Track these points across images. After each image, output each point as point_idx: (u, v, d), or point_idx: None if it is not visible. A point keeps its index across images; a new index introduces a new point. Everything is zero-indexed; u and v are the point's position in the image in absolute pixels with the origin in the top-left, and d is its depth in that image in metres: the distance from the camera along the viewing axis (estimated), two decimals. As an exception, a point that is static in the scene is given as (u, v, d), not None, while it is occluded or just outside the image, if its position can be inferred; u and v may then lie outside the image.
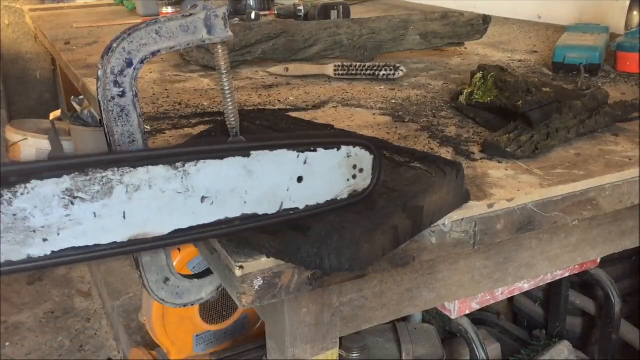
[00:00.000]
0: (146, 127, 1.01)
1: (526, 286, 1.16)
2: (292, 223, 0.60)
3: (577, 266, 1.18)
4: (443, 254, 0.73)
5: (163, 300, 0.72)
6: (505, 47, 1.67)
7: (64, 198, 0.49)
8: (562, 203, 0.78)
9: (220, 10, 0.68)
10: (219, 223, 0.56)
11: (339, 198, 0.62)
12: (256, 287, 0.62)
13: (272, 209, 0.59)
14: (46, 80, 3.49)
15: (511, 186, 0.78)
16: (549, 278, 1.17)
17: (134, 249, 0.53)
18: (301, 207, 0.60)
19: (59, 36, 1.87)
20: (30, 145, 2.91)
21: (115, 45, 0.63)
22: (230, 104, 0.74)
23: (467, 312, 1.13)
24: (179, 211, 0.53)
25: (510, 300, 1.82)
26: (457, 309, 1.11)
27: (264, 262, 0.62)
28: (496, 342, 1.60)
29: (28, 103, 3.52)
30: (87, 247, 0.50)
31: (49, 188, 0.48)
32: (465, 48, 1.63)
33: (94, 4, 2.63)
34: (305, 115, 1.05)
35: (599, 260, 1.27)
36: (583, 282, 1.69)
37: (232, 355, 1.56)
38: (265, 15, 2.02)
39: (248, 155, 0.56)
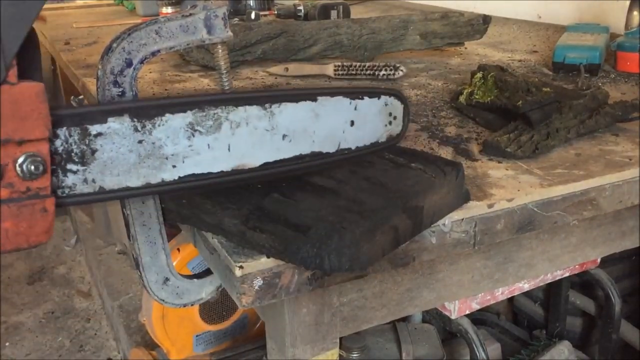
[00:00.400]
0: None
1: (526, 286, 1.16)
2: (350, 160, 0.70)
3: (577, 266, 1.18)
4: (443, 254, 0.73)
5: (163, 301, 0.72)
6: (505, 47, 1.67)
7: (187, 130, 0.57)
8: (562, 203, 0.78)
9: (220, 10, 0.68)
10: (295, 158, 0.64)
11: (379, 141, 0.71)
12: (256, 287, 0.62)
13: (332, 148, 0.67)
14: (46, 80, 3.48)
15: (511, 186, 0.78)
16: (549, 278, 1.17)
17: (237, 178, 0.61)
18: (353, 147, 0.68)
19: (58, 36, 1.87)
20: (30, 145, 2.91)
21: (114, 45, 0.63)
22: None
23: (467, 312, 1.13)
24: (267, 146, 0.62)
25: (510, 300, 1.82)
26: (457, 309, 1.11)
27: (264, 262, 0.62)
28: (496, 342, 1.60)
29: (28, 103, 3.52)
30: (203, 174, 0.59)
31: (178, 121, 0.57)
32: (465, 48, 1.63)
33: (94, 4, 2.63)
34: (305, 115, 1.05)
35: (599, 260, 1.27)
36: (583, 282, 1.69)
37: (232, 356, 1.56)
38: (265, 15, 2.02)
39: (315, 100, 0.64)
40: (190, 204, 0.68)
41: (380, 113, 0.70)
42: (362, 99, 0.67)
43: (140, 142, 0.56)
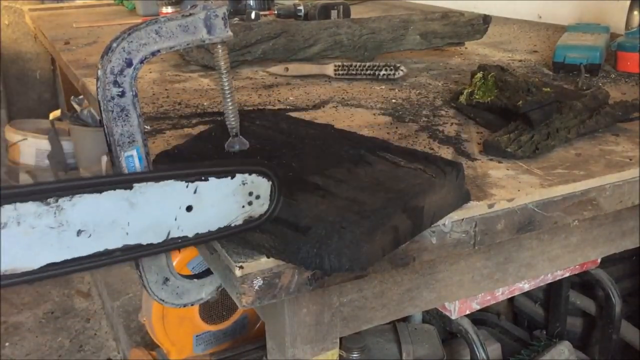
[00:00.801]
0: (146, 127, 1.01)
1: (526, 286, 1.16)
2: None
3: (577, 266, 1.18)
4: (443, 254, 0.73)
5: (163, 301, 0.72)
6: (505, 47, 1.67)
7: None
8: (562, 203, 0.78)
9: (220, 10, 0.68)
10: (97, 255, 0.54)
11: (232, 225, 0.61)
12: (256, 287, 0.62)
13: (157, 239, 0.57)
14: (46, 80, 3.49)
15: (511, 186, 0.78)
16: (549, 278, 1.17)
17: (5, 284, 0.51)
18: (190, 235, 0.58)
19: (58, 36, 1.87)
20: (30, 145, 2.92)
21: (114, 45, 0.62)
22: (230, 103, 0.74)
23: (467, 312, 1.13)
24: (51, 246, 0.52)
25: (511, 300, 1.82)
26: (457, 309, 1.11)
27: (264, 262, 0.62)
28: (496, 343, 1.60)
29: (28, 103, 3.52)
30: None
31: None
32: (466, 48, 1.63)
33: (94, 4, 2.63)
34: (306, 115, 1.05)
35: (599, 261, 1.26)
36: (583, 282, 1.69)
37: (232, 356, 1.56)
38: (265, 15, 2.02)
39: (130, 188, 0.54)
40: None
41: (235, 194, 0.60)
42: (206, 180, 0.58)
43: None
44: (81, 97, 2.60)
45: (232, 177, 0.59)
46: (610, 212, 0.84)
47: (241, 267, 0.61)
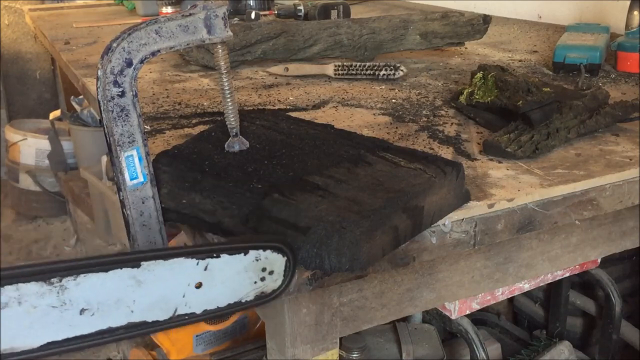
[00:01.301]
0: (146, 127, 1.01)
1: (526, 286, 1.16)
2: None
3: (577, 266, 1.18)
4: (443, 254, 0.73)
5: None
6: (505, 47, 1.67)
7: None
8: (562, 203, 0.78)
9: (220, 10, 0.68)
10: (99, 333, 0.52)
11: (243, 300, 0.59)
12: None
13: (163, 316, 0.55)
14: (46, 80, 3.49)
15: (511, 186, 0.78)
16: (549, 278, 1.17)
17: None
18: (198, 311, 0.56)
19: (58, 36, 1.87)
20: (30, 145, 2.91)
21: (114, 45, 0.62)
22: (230, 103, 0.74)
23: (467, 312, 1.13)
24: (53, 324, 0.50)
25: (511, 300, 1.82)
26: (457, 309, 1.11)
27: (264, 262, 0.62)
28: (496, 342, 1.60)
29: (28, 103, 3.52)
30: None
31: None
32: (466, 48, 1.63)
33: (94, 4, 2.63)
34: (306, 115, 1.05)
35: (599, 261, 1.26)
36: (583, 282, 1.69)
37: (232, 356, 1.55)
38: (265, 15, 2.02)
39: (138, 266, 0.52)
40: (191, 204, 0.68)
41: (247, 270, 0.58)
42: (218, 256, 0.56)
43: None
44: (81, 97, 2.60)
45: (246, 254, 0.57)
46: (610, 212, 0.84)
47: (241, 267, 0.61)
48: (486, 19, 1.56)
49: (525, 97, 0.94)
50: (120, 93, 0.63)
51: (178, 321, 0.56)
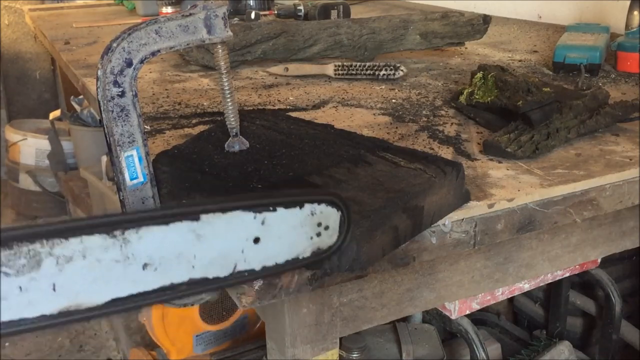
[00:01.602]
0: (146, 127, 1.01)
1: (526, 286, 1.16)
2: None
3: (577, 266, 1.18)
4: (443, 254, 0.73)
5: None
6: (505, 47, 1.67)
7: None
8: (562, 203, 0.78)
9: (220, 10, 0.68)
10: (162, 289, 0.52)
11: (300, 257, 0.58)
12: (256, 287, 0.62)
13: (224, 272, 0.54)
14: (46, 80, 3.49)
15: (511, 186, 0.78)
16: (549, 278, 1.17)
17: (64, 321, 0.49)
18: (257, 268, 0.56)
19: (58, 36, 1.87)
20: (30, 145, 2.91)
21: (114, 45, 0.62)
22: (230, 103, 0.74)
23: (467, 312, 1.13)
24: (117, 280, 0.50)
25: (511, 300, 1.82)
26: (457, 309, 1.11)
27: (264, 262, 0.62)
28: (496, 342, 1.60)
29: (28, 103, 3.52)
30: (11, 321, 0.47)
31: None
32: (466, 48, 1.63)
33: (94, 4, 2.63)
34: (306, 115, 1.05)
35: (599, 261, 1.26)
36: (583, 282, 1.69)
37: (232, 356, 1.56)
38: (265, 15, 2.02)
39: (197, 219, 0.52)
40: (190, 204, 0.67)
41: (303, 225, 0.57)
42: (274, 210, 0.55)
43: None
44: (81, 97, 2.60)
45: (301, 207, 0.57)
46: (610, 212, 0.84)
47: (241, 267, 0.61)
48: (486, 19, 1.56)
49: (525, 97, 0.94)
50: (120, 93, 0.63)
51: (238, 278, 0.55)
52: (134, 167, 0.65)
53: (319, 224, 0.58)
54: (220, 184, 0.68)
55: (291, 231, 0.57)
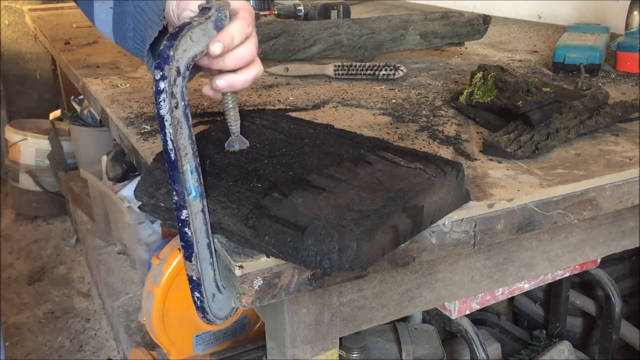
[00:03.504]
0: (146, 127, 1.01)
1: (526, 286, 1.16)
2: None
3: (577, 266, 1.18)
4: (443, 254, 0.73)
5: (217, 318, 0.70)
6: (505, 47, 1.67)
7: None
8: (562, 203, 0.78)
9: (227, 11, 0.68)
10: None
11: None
12: (256, 287, 0.62)
13: None
14: (46, 80, 3.49)
15: (511, 186, 0.78)
16: (549, 278, 1.17)
17: None
18: None
19: (58, 36, 1.87)
20: (30, 145, 2.91)
21: (170, 52, 0.59)
22: (230, 103, 0.74)
23: (467, 312, 1.13)
24: None
25: (511, 300, 1.82)
26: (457, 309, 1.11)
27: (264, 262, 0.62)
28: (496, 342, 1.60)
29: (28, 103, 3.52)
30: None
31: None
32: (465, 48, 1.63)
33: (94, 4, 2.62)
34: (305, 115, 1.05)
35: (599, 261, 1.26)
36: (583, 282, 1.69)
37: (232, 356, 1.55)
38: (265, 15, 2.02)
39: None
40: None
41: None
42: None
43: None
44: (81, 97, 2.60)
45: None
46: (610, 212, 0.84)
47: (241, 267, 0.61)
48: (486, 19, 1.56)
49: (525, 97, 0.94)
50: (176, 105, 0.61)
51: None
52: (189, 181, 0.63)
53: None
54: (221, 183, 0.68)
55: None
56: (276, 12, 2.00)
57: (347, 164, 0.71)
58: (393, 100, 1.16)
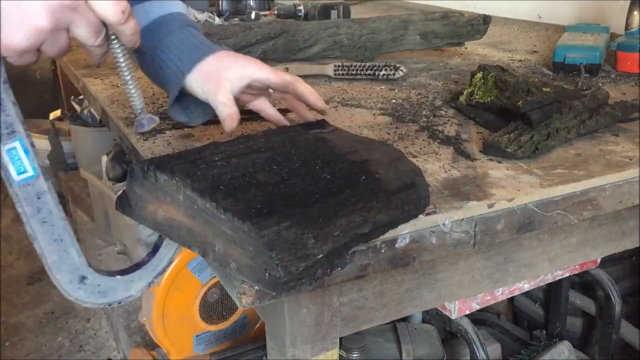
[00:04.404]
0: (146, 127, 1.00)
1: (526, 286, 1.16)
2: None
3: (577, 266, 1.18)
4: (443, 254, 0.73)
5: (81, 301, 0.67)
6: (505, 47, 1.67)
7: None
8: (562, 203, 0.78)
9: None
10: None
11: None
12: (256, 287, 0.62)
13: None
14: (46, 80, 3.49)
15: (511, 186, 0.78)
16: (549, 278, 1.17)
17: None
18: None
19: (58, 36, 1.86)
20: (30, 145, 2.91)
21: None
22: (131, 84, 0.75)
23: (467, 312, 1.13)
24: None
25: (511, 300, 1.82)
26: (457, 309, 1.11)
27: (264, 262, 0.62)
28: (496, 342, 1.60)
29: (28, 103, 3.52)
30: None
31: None
32: (466, 48, 1.63)
33: (94, 4, 2.62)
34: (305, 115, 1.05)
35: (599, 261, 1.27)
36: (583, 282, 1.69)
37: (232, 355, 1.56)
38: (265, 15, 2.02)
39: None
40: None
41: None
42: None
43: None
44: (81, 97, 2.60)
45: None
46: (610, 212, 0.84)
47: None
48: (486, 19, 1.57)
49: (525, 97, 0.94)
50: None
51: None
52: (20, 160, 0.60)
53: None
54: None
55: None
56: (276, 12, 2.00)
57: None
58: (393, 101, 1.16)
